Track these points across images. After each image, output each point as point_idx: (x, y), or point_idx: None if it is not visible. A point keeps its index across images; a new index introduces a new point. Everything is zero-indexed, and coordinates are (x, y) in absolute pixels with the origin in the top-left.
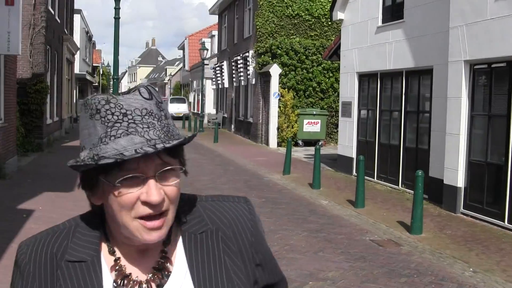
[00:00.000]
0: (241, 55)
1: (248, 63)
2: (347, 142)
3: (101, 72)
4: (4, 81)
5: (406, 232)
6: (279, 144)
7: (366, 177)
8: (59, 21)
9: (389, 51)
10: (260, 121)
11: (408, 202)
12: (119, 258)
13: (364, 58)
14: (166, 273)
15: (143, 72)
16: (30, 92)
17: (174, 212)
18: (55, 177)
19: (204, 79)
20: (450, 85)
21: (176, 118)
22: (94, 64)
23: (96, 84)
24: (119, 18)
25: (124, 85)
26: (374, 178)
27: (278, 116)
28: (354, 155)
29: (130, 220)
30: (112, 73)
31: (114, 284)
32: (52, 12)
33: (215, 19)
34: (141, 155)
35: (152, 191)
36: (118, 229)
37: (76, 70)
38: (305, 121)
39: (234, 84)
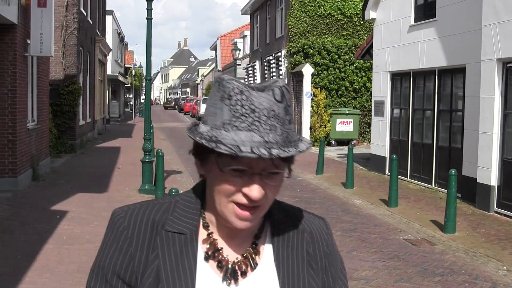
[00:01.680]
0: (273, 55)
1: (280, 63)
2: (380, 142)
3: (134, 73)
4: (37, 82)
5: (440, 231)
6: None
7: (399, 176)
8: (91, 22)
9: (422, 50)
10: (293, 120)
11: (441, 201)
12: (212, 232)
13: (396, 57)
14: (253, 263)
15: (175, 73)
16: (62, 93)
17: (267, 208)
18: (88, 178)
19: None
20: (483, 83)
21: None
22: (126, 65)
23: (129, 85)
24: (151, 19)
25: (156, 85)
26: (407, 177)
27: (311, 115)
28: (387, 154)
29: (226, 202)
30: (144, 74)
31: (205, 254)
32: (84, 13)
33: (247, 19)
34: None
35: (255, 187)
36: (214, 203)
37: (109, 71)
38: (338, 121)
39: None
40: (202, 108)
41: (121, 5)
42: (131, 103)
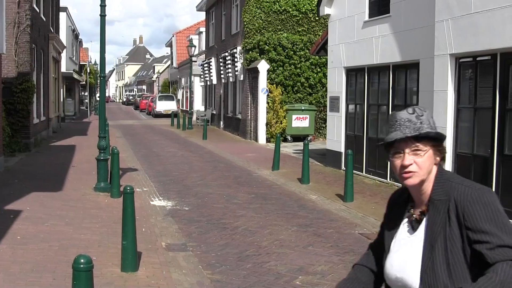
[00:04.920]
0: (229, 51)
1: (236, 60)
2: (335, 137)
3: (88, 71)
4: None
5: None
6: (268, 140)
7: (354, 171)
8: (44, 19)
9: (376, 45)
10: (249, 117)
11: None
12: (413, 203)
13: (351, 53)
14: (419, 222)
15: (130, 70)
16: (16, 91)
17: (423, 174)
18: (43, 177)
19: (192, 76)
20: (436, 78)
21: (165, 115)
22: (81, 63)
23: (84, 82)
24: (105, 15)
25: (112, 83)
26: (362, 172)
27: (267, 112)
28: (342, 150)
29: (398, 174)
30: (99, 71)
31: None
32: (37, 10)
33: (204, 15)
34: (398, 140)
35: (405, 159)
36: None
37: (63, 68)
38: (294, 117)
39: (222, 80)
40: (158, 106)
41: (79, 1)
42: (87, 101)
